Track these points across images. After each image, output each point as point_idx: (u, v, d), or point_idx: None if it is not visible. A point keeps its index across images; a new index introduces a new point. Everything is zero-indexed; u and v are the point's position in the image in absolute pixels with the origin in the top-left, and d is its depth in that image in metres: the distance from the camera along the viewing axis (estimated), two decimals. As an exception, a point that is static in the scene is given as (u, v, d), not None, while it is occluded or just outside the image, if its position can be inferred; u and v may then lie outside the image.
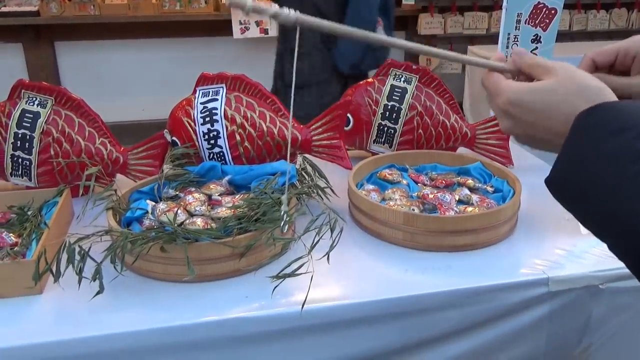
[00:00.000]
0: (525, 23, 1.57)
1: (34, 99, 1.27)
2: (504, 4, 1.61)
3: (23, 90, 1.27)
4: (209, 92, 1.30)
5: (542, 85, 0.60)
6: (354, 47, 2.33)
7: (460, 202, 1.19)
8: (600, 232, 0.55)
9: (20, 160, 1.25)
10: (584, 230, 1.13)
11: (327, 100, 2.35)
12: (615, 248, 0.53)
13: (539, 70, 0.61)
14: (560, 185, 0.56)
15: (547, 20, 1.53)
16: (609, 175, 0.49)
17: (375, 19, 2.26)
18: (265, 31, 4.08)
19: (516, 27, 1.64)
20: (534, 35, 1.62)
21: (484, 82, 0.67)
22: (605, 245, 1.09)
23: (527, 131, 0.62)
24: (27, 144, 1.25)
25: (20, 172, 1.27)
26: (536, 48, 1.61)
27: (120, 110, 4.23)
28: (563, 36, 2.12)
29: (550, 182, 0.57)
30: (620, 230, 0.49)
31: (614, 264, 1.04)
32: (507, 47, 2.25)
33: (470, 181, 1.27)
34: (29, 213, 1.13)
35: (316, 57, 2.40)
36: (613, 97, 0.56)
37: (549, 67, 0.60)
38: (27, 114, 1.25)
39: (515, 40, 1.91)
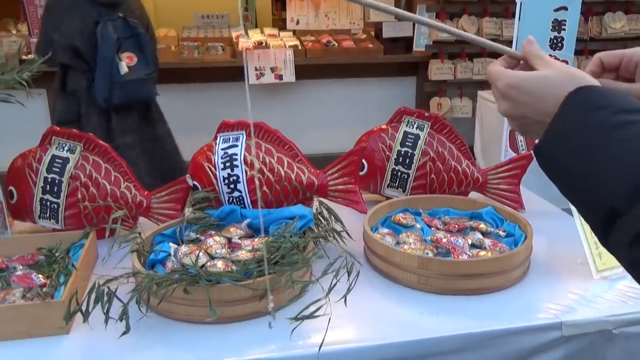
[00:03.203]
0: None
1: (64, 145, 1.33)
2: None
3: (54, 137, 1.34)
4: (230, 138, 1.36)
5: (540, 73, 0.69)
6: (103, 84, 2.56)
7: (473, 246, 1.22)
8: (573, 193, 0.62)
9: (48, 203, 1.31)
10: (596, 274, 1.15)
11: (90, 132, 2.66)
12: (584, 208, 0.61)
13: (539, 62, 0.71)
14: (546, 153, 0.64)
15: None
16: (586, 144, 0.58)
17: (110, 55, 2.52)
18: (280, 77, 4.20)
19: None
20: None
21: (489, 69, 0.76)
22: (618, 290, 1.11)
23: (522, 112, 0.69)
24: (55, 187, 1.31)
25: (48, 215, 1.32)
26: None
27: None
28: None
29: (537, 151, 0.65)
30: (589, 189, 0.58)
31: (627, 308, 1.05)
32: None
33: (482, 225, 1.30)
34: (57, 255, 1.17)
35: (80, 93, 2.63)
36: (596, 83, 0.66)
37: (546, 61, 0.71)
38: (57, 160, 1.32)
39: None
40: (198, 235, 1.21)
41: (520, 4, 2.75)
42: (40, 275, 1.09)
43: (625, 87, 0.79)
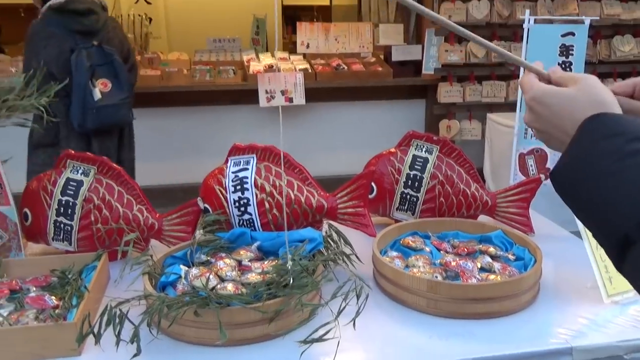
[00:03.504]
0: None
1: (78, 168, 1.36)
2: (521, 73, 1.70)
3: (68, 160, 1.36)
4: (240, 161, 1.38)
5: (564, 91, 0.70)
6: (78, 109, 2.63)
7: (482, 269, 1.22)
8: (588, 219, 0.63)
9: (62, 225, 1.33)
10: (606, 298, 1.15)
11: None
12: (599, 233, 0.62)
13: (568, 80, 0.72)
14: (560, 177, 0.65)
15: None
16: (600, 170, 0.59)
17: (83, 82, 2.62)
18: (290, 100, 4.25)
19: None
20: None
21: (521, 79, 0.77)
22: (629, 314, 1.10)
23: (542, 126, 0.72)
24: (69, 210, 1.33)
25: (61, 237, 1.34)
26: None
27: (151, 174, 4.34)
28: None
29: (552, 175, 0.66)
30: (602, 215, 0.59)
31: (638, 333, 1.05)
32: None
33: (491, 249, 1.30)
34: (70, 276, 1.19)
35: (58, 117, 2.64)
36: (619, 111, 0.66)
37: (575, 78, 0.71)
38: (71, 182, 1.34)
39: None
40: (208, 258, 1.22)
41: (528, 29, 2.78)
42: (53, 297, 1.10)
43: (639, 105, 0.80)
